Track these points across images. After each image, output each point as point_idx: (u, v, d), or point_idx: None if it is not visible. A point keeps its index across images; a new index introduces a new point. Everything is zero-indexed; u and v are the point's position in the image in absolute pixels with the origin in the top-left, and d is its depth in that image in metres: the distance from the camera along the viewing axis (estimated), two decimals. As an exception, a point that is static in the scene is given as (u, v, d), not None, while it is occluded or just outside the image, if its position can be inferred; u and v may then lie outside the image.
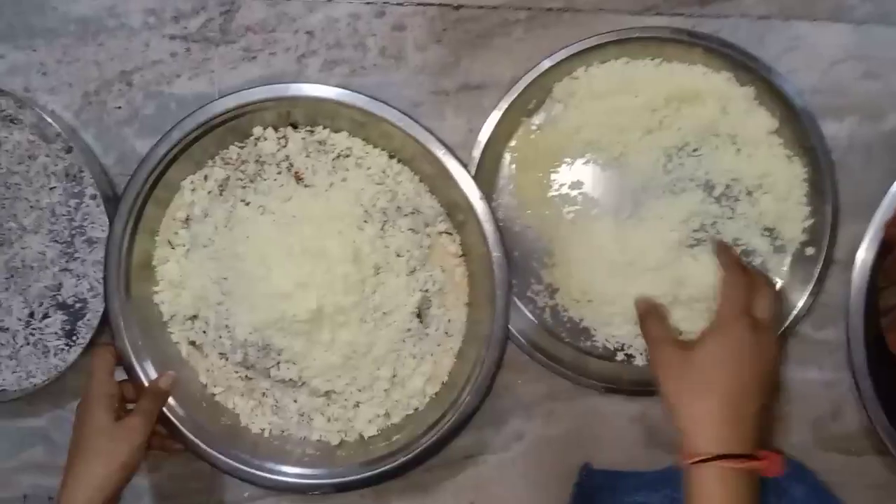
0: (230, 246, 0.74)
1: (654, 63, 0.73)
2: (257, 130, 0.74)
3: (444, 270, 0.76)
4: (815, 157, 0.72)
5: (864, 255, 0.71)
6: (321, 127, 0.75)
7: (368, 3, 0.74)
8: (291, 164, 0.75)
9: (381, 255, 0.74)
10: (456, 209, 0.74)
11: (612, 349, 0.77)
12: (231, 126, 0.73)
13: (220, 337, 0.75)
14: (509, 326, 0.73)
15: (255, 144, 0.75)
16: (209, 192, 0.76)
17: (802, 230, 0.74)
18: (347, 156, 0.75)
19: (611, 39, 0.72)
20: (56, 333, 0.77)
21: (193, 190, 0.76)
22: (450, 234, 0.76)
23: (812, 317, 0.75)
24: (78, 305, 0.77)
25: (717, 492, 0.60)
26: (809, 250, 0.74)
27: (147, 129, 0.76)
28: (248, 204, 0.75)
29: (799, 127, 0.72)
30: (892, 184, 0.71)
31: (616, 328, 0.76)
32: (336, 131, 0.75)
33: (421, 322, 0.76)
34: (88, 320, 0.76)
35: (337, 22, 0.75)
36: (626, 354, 0.76)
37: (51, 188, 0.76)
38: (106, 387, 0.69)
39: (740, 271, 0.68)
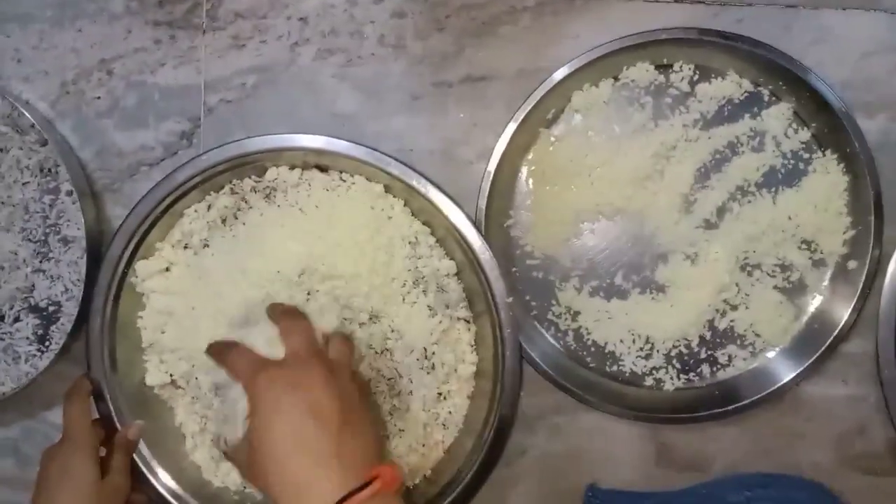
0: (226, 280, 0.70)
1: (679, 76, 0.71)
2: (282, 171, 0.72)
3: (455, 358, 0.73)
4: (857, 165, 0.69)
5: (896, 264, 0.69)
6: (357, 174, 0.72)
7: (366, -12, 0.72)
8: (317, 207, 0.71)
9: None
10: (477, 298, 0.71)
11: (641, 373, 0.74)
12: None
13: (197, 378, 0.72)
14: (531, 353, 0.71)
15: (274, 180, 0.72)
16: (211, 221, 0.72)
17: (843, 242, 0.72)
18: (382, 209, 0.71)
19: (633, 43, 0.69)
20: (27, 338, 0.74)
21: (196, 218, 0.72)
22: (467, 322, 0.73)
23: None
24: (51, 309, 0.74)
25: None
26: (852, 264, 0.71)
27: (128, 120, 0.74)
28: (252, 239, 0.71)
29: (839, 132, 0.69)
30: (926, 186, 0.69)
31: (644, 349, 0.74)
32: (371, 180, 0.71)
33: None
34: (62, 324, 0.73)
35: (332, 8, 0.73)
36: (655, 379, 0.74)
37: (24, 183, 0.73)
38: (90, 437, 0.67)
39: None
